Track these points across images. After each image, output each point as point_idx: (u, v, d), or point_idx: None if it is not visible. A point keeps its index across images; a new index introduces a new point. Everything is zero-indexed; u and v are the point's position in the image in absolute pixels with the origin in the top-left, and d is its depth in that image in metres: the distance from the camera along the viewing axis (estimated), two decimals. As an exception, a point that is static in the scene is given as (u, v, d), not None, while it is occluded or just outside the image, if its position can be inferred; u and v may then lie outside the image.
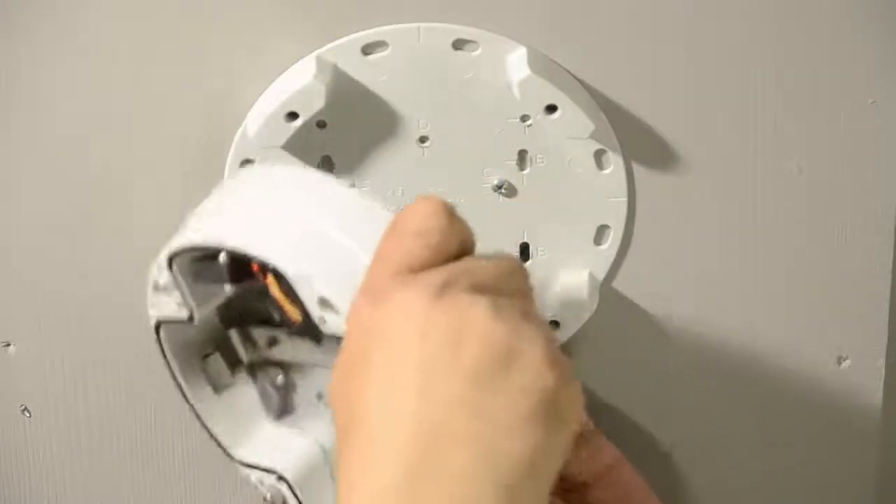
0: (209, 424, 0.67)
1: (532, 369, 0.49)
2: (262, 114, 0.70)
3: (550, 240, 0.74)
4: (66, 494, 0.79)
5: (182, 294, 0.62)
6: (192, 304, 0.62)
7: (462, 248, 0.54)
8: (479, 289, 0.51)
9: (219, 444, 0.66)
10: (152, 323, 0.64)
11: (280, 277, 0.58)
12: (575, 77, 0.72)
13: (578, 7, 0.71)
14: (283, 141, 0.70)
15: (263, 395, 0.66)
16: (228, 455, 0.66)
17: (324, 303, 0.57)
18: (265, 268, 0.58)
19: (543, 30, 0.71)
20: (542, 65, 0.71)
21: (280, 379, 0.66)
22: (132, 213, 0.74)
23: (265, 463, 0.65)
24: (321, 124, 0.72)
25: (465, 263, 0.52)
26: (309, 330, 0.58)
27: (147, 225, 0.74)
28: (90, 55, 0.71)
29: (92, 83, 0.72)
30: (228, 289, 0.61)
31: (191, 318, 0.62)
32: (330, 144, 0.72)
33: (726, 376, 0.78)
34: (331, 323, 0.56)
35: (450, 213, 0.53)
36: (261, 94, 0.71)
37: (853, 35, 0.71)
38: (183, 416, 0.77)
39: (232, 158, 0.72)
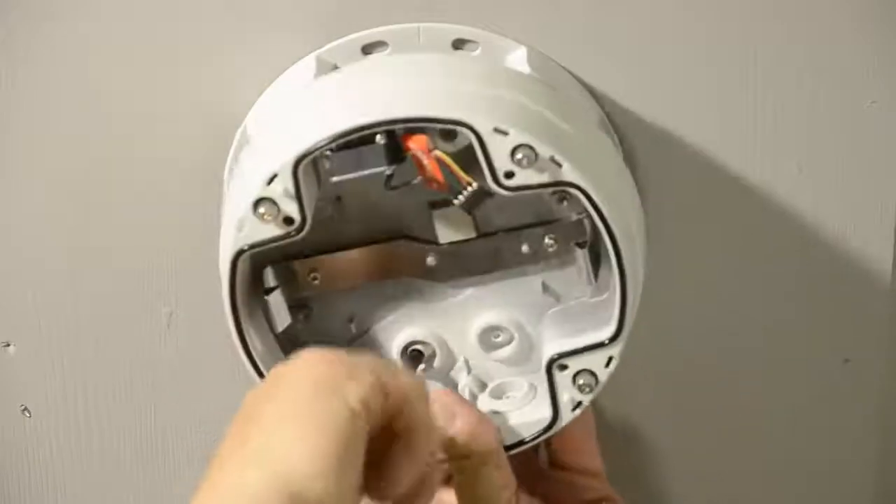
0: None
1: None
2: (262, 114, 0.70)
3: (551, 240, 0.74)
4: (66, 494, 0.79)
5: (300, 201, 0.60)
6: (308, 210, 0.61)
7: None
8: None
9: None
10: (233, 251, 0.61)
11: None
12: (575, 77, 0.72)
13: (578, 7, 0.71)
14: (283, 141, 0.70)
15: None
16: None
17: (520, 149, 0.60)
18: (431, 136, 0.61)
19: (543, 30, 0.71)
20: (542, 65, 0.70)
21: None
22: (132, 213, 0.74)
23: None
24: (321, 124, 0.72)
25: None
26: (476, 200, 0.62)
27: (147, 225, 0.74)
28: (90, 56, 0.71)
29: (92, 84, 0.72)
30: (389, 169, 0.62)
31: (301, 229, 0.61)
32: (330, 144, 0.72)
33: (728, 376, 0.78)
34: (520, 175, 0.60)
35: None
36: (261, 94, 0.71)
37: (853, 35, 0.71)
38: (183, 415, 0.77)
39: (232, 158, 0.72)
